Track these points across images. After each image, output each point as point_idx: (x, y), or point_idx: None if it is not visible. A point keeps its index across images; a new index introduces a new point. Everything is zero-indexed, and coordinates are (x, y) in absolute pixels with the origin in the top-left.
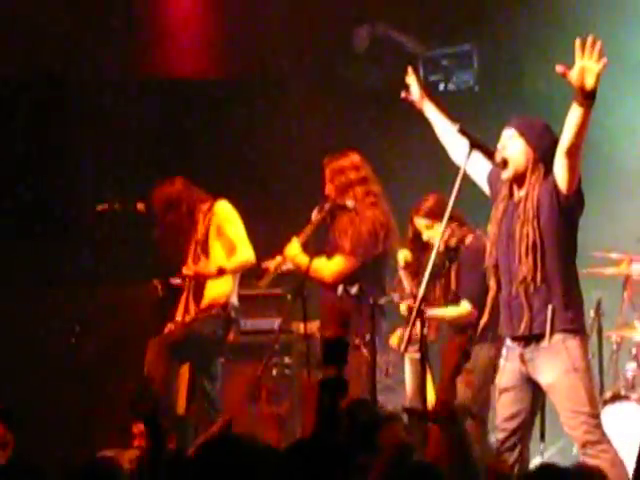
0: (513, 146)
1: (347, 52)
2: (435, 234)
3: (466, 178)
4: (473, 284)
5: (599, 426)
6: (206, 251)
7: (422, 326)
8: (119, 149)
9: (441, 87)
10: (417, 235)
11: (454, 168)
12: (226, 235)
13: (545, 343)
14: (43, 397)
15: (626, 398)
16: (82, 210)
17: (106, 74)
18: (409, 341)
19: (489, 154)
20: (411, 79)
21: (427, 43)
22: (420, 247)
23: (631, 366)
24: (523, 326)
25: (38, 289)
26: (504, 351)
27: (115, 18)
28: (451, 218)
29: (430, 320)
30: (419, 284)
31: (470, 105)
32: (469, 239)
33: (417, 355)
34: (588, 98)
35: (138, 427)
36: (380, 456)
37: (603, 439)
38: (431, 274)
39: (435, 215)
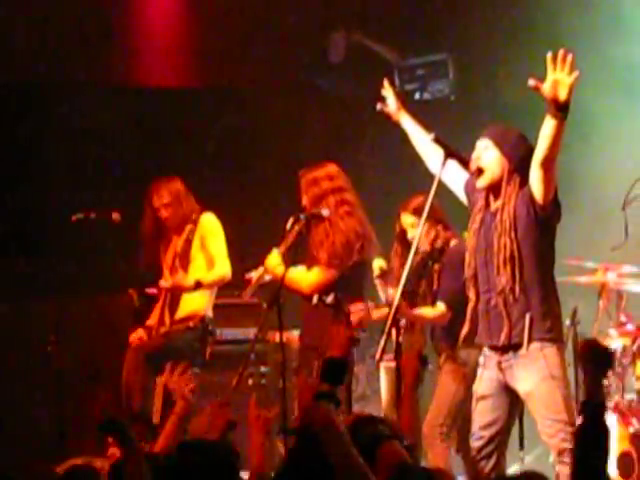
0: (488, 156)
1: (322, 61)
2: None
3: (444, 187)
4: (452, 287)
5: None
6: (185, 264)
7: (397, 334)
8: (94, 158)
9: (417, 96)
10: (403, 232)
11: (430, 177)
12: (207, 248)
13: (523, 351)
14: (18, 405)
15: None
16: (57, 220)
17: (81, 81)
18: (384, 350)
19: (464, 163)
20: (387, 91)
21: (403, 52)
22: (406, 245)
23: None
24: (503, 336)
25: (13, 298)
26: (481, 359)
27: (90, 25)
28: (437, 220)
29: (415, 322)
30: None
31: (446, 114)
32: (453, 242)
33: (392, 364)
34: (561, 110)
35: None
36: (378, 476)
37: None
38: (415, 274)
39: (421, 214)
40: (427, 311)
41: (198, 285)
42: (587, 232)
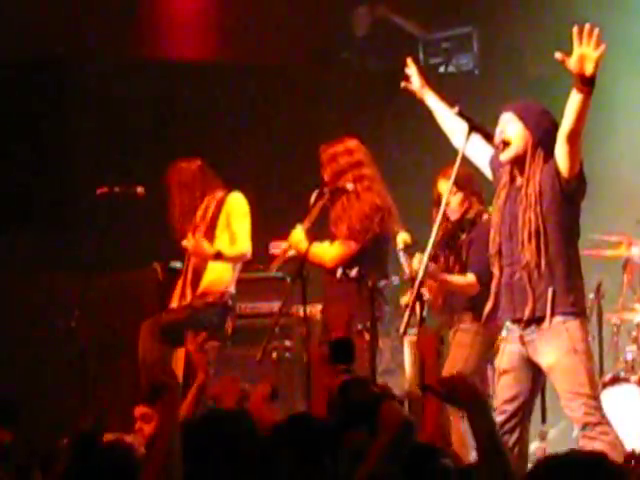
0: (512, 129)
1: (347, 34)
2: (454, 202)
3: (468, 162)
4: (482, 260)
5: (599, 408)
6: (210, 238)
7: (421, 308)
8: (119, 132)
9: (441, 70)
10: (440, 198)
11: (454, 151)
12: (231, 227)
13: (546, 325)
14: (42, 381)
15: (626, 380)
16: (81, 194)
17: (106, 56)
18: (408, 324)
19: (488, 137)
20: (411, 69)
21: (427, 26)
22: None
23: (631, 348)
24: (527, 310)
25: (37, 273)
26: (504, 332)
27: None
28: (472, 192)
29: (439, 286)
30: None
31: (470, 88)
32: (485, 216)
33: (416, 338)
34: (587, 85)
35: (139, 410)
36: (381, 435)
37: (603, 420)
38: (443, 243)
39: (460, 184)
40: (458, 278)
41: (218, 255)
42: (612, 206)
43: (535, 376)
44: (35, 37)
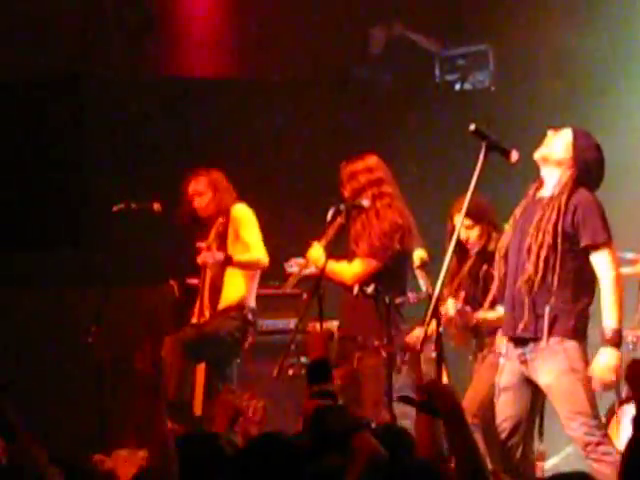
0: (561, 137)
1: (363, 53)
2: (473, 236)
3: (485, 180)
4: None
5: (600, 427)
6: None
7: (438, 325)
8: (135, 149)
9: (457, 87)
10: (453, 230)
11: (472, 167)
12: (242, 238)
13: (543, 344)
14: (59, 397)
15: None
16: (99, 210)
17: (122, 74)
18: (424, 340)
19: (506, 154)
20: None
21: (443, 43)
22: (461, 246)
23: None
24: (521, 326)
25: (54, 289)
26: (504, 349)
27: (131, 16)
28: (489, 223)
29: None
30: (452, 287)
31: (486, 105)
32: None
33: (433, 354)
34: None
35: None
36: (351, 467)
37: (604, 440)
38: (470, 278)
39: (476, 216)
40: (491, 314)
41: (228, 260)
42: (627, 222)
43: (534, 394)
44: (52, 55)
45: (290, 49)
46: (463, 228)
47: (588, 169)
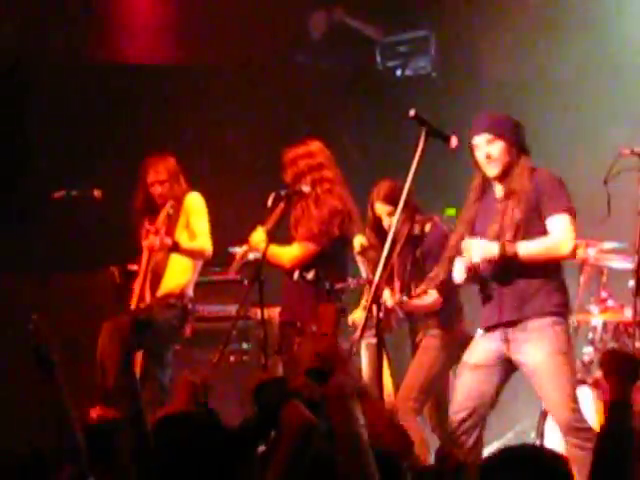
0: (496, 149)
1: (304, 38)
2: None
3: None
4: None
5: (580, 410)
6: (169, 237)
7: (378, 311)
8: (75, 135)
9: (398, 73)
10: (377, 221)
11: (410, 155)
12: (190, 226)
13: (533, 325)
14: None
15: (582, 382)
16: (38, 197)
17: (64, 59)
18: (365, 327)
19: (446, 140)
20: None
21: (384, 29)
22: (382, 234)
23: (587, 350)
24: (508, 311)
25: None
26: (479, 333)
27: (70, 3)
28: (410, 208)
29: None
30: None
31: (427, 91)
32: (428, 226)
33: (374, 340)
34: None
35: (95, 412)
36: (282, 439)
37: (585, 425)
38: (403, 266)
39: (396, 202)
40: (424, 300)
41: (175, 246)
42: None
43: (507, 376)
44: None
45: (231, 34)
46: (385, 215)
47: (524, 143)
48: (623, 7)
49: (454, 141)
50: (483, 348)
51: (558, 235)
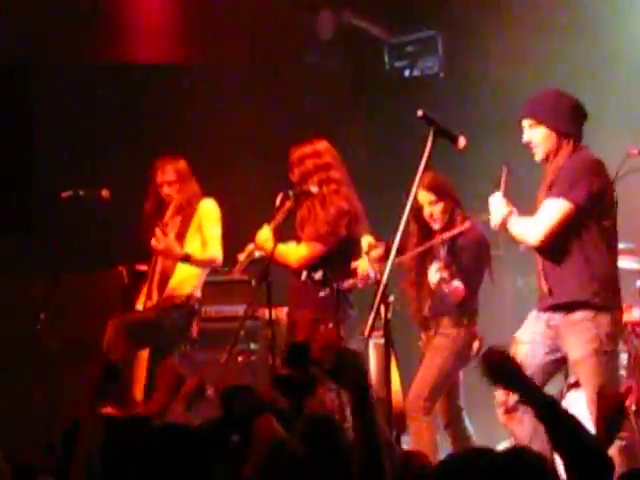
0: (536, 136)
1: (312, 39)
2: (436, 211)
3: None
4: (468, 267)
5: None
6: (180, 242)
7: (386, 311)
8: (82, 135)
9: (406, 73)
10: (419, 210)
11: (421, 154)
12: (203, 232)
13: (575, 316)
14: (8, 385)
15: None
16: (47, 197)
17: (70, 60)
18: (373, 327)
19: (454, 140)
20: None
21: (392, 29)
22: (423, 223)
23: None
24: (546, 295)
25: (3, 276)
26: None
27: (76, 3)
28: (453, 200)
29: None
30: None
31: (435, 91)
32: (467, 224)
33: (381, 341)
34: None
35: (107, 411)
36: (253, 453)
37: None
38: (431, 255)
39: (440, 192)
40: (450, 284)
41: (187, 258)
42: None
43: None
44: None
45: (239, 34)
46: (427, 205)
47: (569, 121)
48: (630, 8)
49: (462, 141)
50: (531, 329)
51: (533, 222)
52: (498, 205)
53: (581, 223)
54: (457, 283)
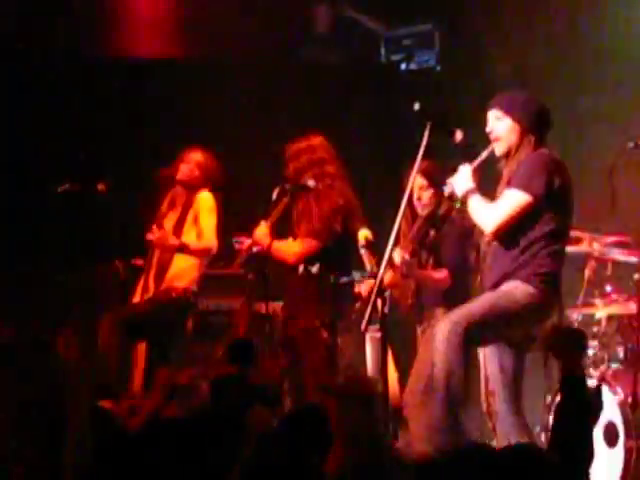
0: (500, 126)
1: (308, 33)
2: (426, 197)
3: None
4: (455, 255)
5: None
6: (177, 234)
7: (383, 305)
8: (79, 130)
9: (403, 67)
10: (411, 194)
11: (415, 146)
12: (199, 224)
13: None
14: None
15: (588, 377)
16: (42, 190)
17: (66, 52)
18: (369, 321)
19: (450, 133)
20: None
21: (388, 23)
22: (414, 207)
23: (592, 344)
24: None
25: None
26: None
27: None
28: (439, 187)
29: (411, 282)
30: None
31: (432, 85)
32: (454, 213)
33: (378, 334)
34: None
35: (105, 404)
36: (247, 445)
37: None
38: (416, 241)
39: (432, 179)
40: (433, 273)
41: (182, 246)
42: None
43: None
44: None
45: (236, 29)
46: (418, 189)
47: (535, 122)
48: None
49: (459, 135)
50: None
51: (491, 209)
52: (465, 177)
53: (536, 217)
54: (443, 271)
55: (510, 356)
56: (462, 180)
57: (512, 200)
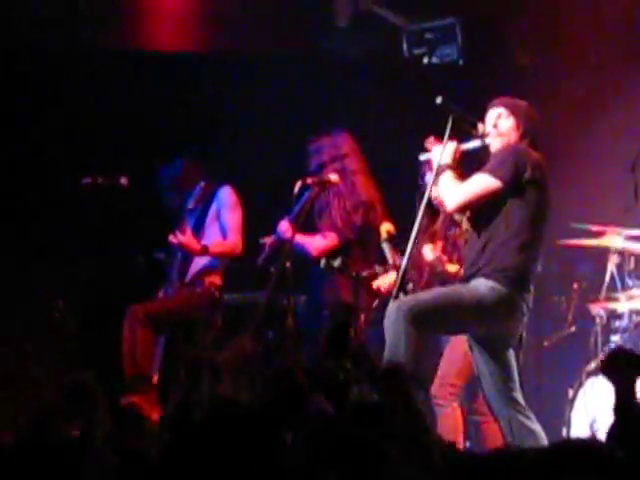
0: (504, 124)
1: (330, 26)
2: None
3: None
4: None
5: None
6: (200, 231)
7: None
8: (102, 123)
9: (425, 60)
10: None
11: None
12: (222, 221)
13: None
14: (24, 372)
15: None
16: (66, 184)
17: (86, 46)
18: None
19: (473, 126)
20: None
21: (410, 16)
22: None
23: (614, 338)
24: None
25: (20, 263)
26: None
27: None
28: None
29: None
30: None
31: (454, 78)
32: None
33: None
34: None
35: (126, 400)
36: (303, 431)
37: None
38: (439, 237)
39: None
40: (455, 267)
41: (205, 250)
42: (593, 195)
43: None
44: (17, 30)
45: (257, 22)
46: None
47: (531, 131)
48: None
49: (481, 128)
50: None
51: (457, 188)
52: (448, 152)
53: (502, 208)
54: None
55: (485, 357)
56: (444, 153)
57: (478, 181)
